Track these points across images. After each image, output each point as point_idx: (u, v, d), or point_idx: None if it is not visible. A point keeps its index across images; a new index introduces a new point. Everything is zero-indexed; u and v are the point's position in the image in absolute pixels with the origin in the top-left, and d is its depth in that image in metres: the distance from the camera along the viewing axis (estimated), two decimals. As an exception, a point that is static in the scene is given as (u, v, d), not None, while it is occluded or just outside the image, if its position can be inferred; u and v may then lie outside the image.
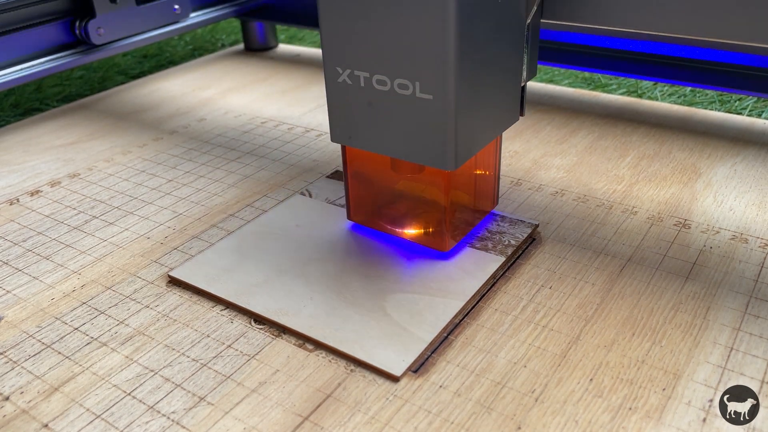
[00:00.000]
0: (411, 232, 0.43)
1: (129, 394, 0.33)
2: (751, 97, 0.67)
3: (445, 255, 0.41)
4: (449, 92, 0.35)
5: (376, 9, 0.36)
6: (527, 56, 0.41)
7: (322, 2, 0.37)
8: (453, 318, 0.37)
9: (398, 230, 0.43)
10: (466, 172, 0.41)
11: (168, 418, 0.32)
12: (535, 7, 0.39)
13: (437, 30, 0.34)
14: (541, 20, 0.42)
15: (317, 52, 0.85)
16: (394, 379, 0.33)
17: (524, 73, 0.41)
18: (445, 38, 0.34)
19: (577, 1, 0.41)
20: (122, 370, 0.35)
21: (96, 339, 0.37)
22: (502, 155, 0.55)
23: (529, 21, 0.39)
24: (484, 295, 0.39)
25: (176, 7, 0.75)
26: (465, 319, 0.37)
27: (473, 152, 0.38)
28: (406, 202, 0.43)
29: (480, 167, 0.43)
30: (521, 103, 0.42)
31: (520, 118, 0.43)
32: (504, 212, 0.46)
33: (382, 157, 0.42)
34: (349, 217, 0.45)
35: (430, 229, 0.42)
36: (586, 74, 0.78)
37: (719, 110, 0.66)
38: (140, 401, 0.33)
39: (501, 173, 0.52)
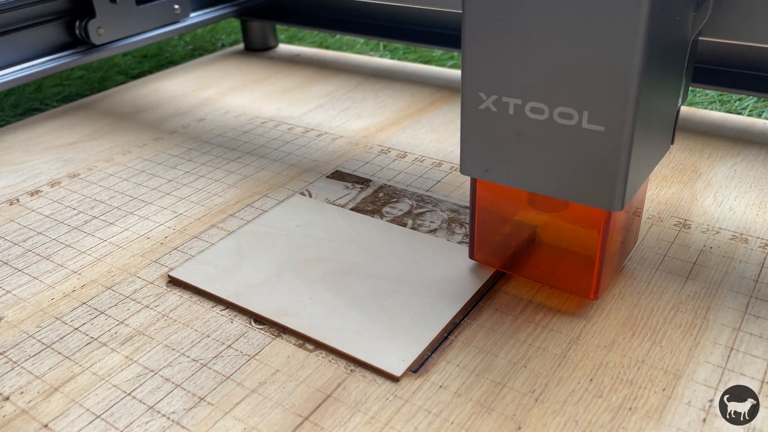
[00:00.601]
0: (550, 277, 0.39)
1: (129, 394, 0.33)
2: (751, 97, 0.67)
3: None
4: (627, 124, 0.30)
5: (539, 28, 0.31)
6: (685, 78, 0.37)
7: (469, 18, 0.33)
8: (453, 318, 0.37)
9: (532, 273, 0.39)
10: (622, 212, 0.36)
11: (168, 418, 0.32)
12: (702, 25, 0.36)
13: (621, 51, 0.29)
14: (700, 38, 0.39)
15: (317, 52, 0.85)
16: (394, 379, 0.33)
17: (681, 97, 0.37)
18: (631, 62, 0.29)
19: (741, 18, 0.38)
20: (122, 370, 0.35)
21: (96, 339, 0.37)
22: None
23: (692, 39, 0.36)
24: (484, 295, 0.39)
25: (176, 7, 0.75)
26: (465, 319, 0.37)
27: (636, 188, 0.34)
28: (543, 244, 0.39)
29: (634, 204, 0.38)
30: (673, 129, 0.38)
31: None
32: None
33: (517, 192, 0.37)
34: (471, 257, 0.40)
35: (576, 275, 0.37)
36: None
37: (719, 110, 0.66)
38: (140, 401, 0.33)
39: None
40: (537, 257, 0.39)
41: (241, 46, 0.89)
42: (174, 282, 0.41)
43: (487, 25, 0.33)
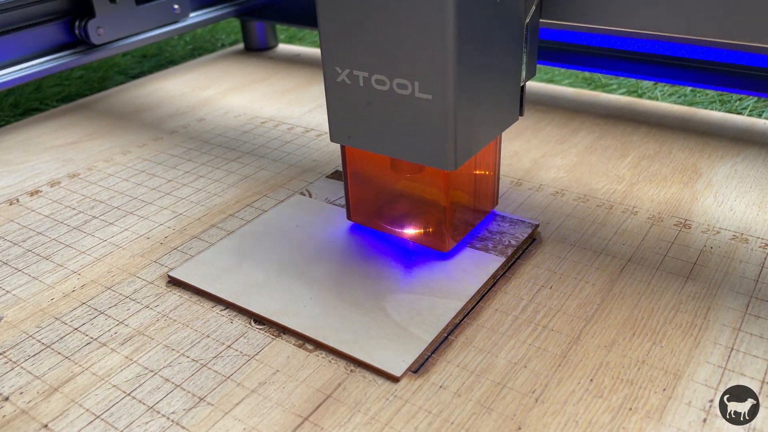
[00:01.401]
0: (411, 232, 0.43)
1: (129, 394, 0.33)
2: (751, 97, 0.67)
3: (445, 255, 0.41)
4: (448, 92, 0.35)
5: (376, 9, 0.35)
6: (526, 56, 0.41)
7: (321, 2, 0.37)
8: (453, 318, 0.37)
9: (398, 230, 0.43)
10: (465, 172, 0.41)
11: (168, 418, 0.32)
12: (533, 7, 0.39)
13: (436, 29, 0.34)
14: (540, 20, 0.42)
15: (317, 51, 0.85)
16: (394, 379, 0.33)
17: (523, 73, 0.41)
18: (444, 37, 0.34)
19: (576, 1, 0.41)
20: (122, 371, 0.35)
21: (96, 339, 0.37)
22: (502, 155, 0.55)
23: (527, 21, 0.40)
24: (484, 295, 0.39)
25: (176, 6, 0.75)
26: (465, 319, 0.37)
27: (473, 152, 0.38)
28: (406, 203, 0.43)
29: (480, 167, 0.43)
30: (521, 103, 0.42)
31: (520, 118, 0.42)
32: (504, 212, 0.46)
33: (381, 157, 0.41)
34: (348, 218, 0.45)
35: (430, 229, 0.42)
36: (586, 74, 0.78)
37: (719, 110, 0.66)
38: (140, 401, 0.33)
39: (501, 173, 0.52)
40: (402, 216, 0.43)
41: (241, 46, 0.89)
42: (174, 282, 0.41)
43: (336, 6, 0.37)
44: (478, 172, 0.43)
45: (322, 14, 0.38)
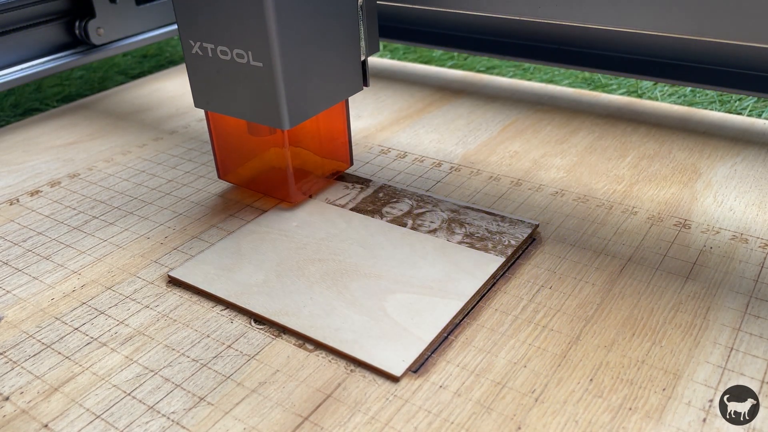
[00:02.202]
0: (267, 188, 0.48)
1: (129, 394, 0.33)
2: (751, 97, 0.67)
3: (289, 204, 0.47)
4: (275, 60, 0.40)
5: None
6: (365, 33, 0.46)
7: None
8: (453, 318, 0.37)
9: (259, 187, 0.49)
10: (309, 133, 0.48)
11: (168, 418, 0.32)
12: None
13: (257, 5, 0.39)
14: (386, 3, 0.48)
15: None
16: (394, 379, 0.33)
17: (363, 49, 0.46)
18: (264, 13, 0.39)
19: None
20: (122, 370, 0.35)
21: (96, 339, 0.37)
22: (502, 155, 0.55)
23: (361, 3, 0.45)
24: (484, 295, 0.39)
25: (176, 7, 0.75)
26: (465, 319, 0.37)
27: (310, 114, 0.44)
28: (263, 162, 0.48)
29: (325, 129, 0.49)
30: (364, 75, 0.48)
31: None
32: (504, 212, 0.46)
33: (239, 121, 0.47)
34: (219, 177, 0.51)
35: (282, 185, 0.47)
36: (586, 74, 0.78)
37: (719, 110, 0.66)
38: (140, 401, 0.33)
39: (501, 173, 0.52)
40: (261, 174, 0.49)
41: (241, 46, 0.88)
42: (174, 282, 0.41)
43: None
44: (323, 134, 0.49)
45: None
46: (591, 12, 0.44)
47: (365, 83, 0.48)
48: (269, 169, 0.48)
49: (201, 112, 0.67)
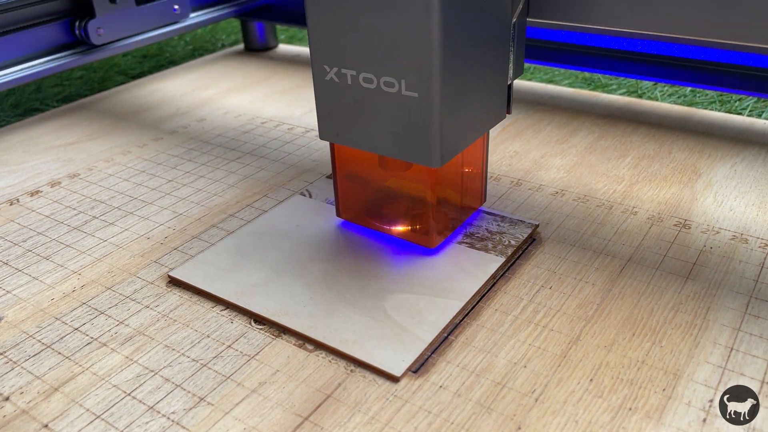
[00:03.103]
0: (398, 229, 0.43)
1: (129, 394, 0.33)
2: (751, 97, 0.67)
3: (433, 251, 0.41)
4: (434, 90, 0.35)
5: (363, 7, 0.36)
6: (513, 55, 0.41)
7: (309, 1, 0.38)
8: (453, 318, 0.37)
9: (386, 227, 0.43)
10: (452, 170, 0.42)
11: (168, 418, 0.32)
12: (520, 6, 0.40)
13: (421, 28, 0.34)
14: (528, 19, 0.42)
15: (317, 52, 0.85)
16: (394, 379, 0.33)
17: (510, 72, 0.41)
18: (429, 36, 0.34)
19: (563, 1, 0.42)
20: (122, 371, 0.35)
21: (96, 339, 0.37)
22: (502, 155, 0.55)
23: (514, 20, 0.40)
24: (484, 295, 0.39)
25: (176, 7, 0.75)
26: (465, 319, 0.37)
27: (459, 149, 0.39)
28: (394, 200, 0.44)
29: (467, 164, 0.43)
30: (508, 101, 0.43)
31: (516, 117, 0.43)
32: (504, 212, 0.46)
33: (370, 155, 0.42)
34: (338, 215, 0.45)
35: (417, 226, 0.42)
36: (586, 74, 0.78)
37: (719, 110, 0.66)
38: (140, 401, 0.33)
39: (501, 173, 0.52)
40: (390, 213, 0.44)
41: (241, 46, 0.89)
42: (174, 282, 0.41)
43: (323, 7, 0.37)
44: (465, 170, 0.43)
45: (310, 13, 0.38)
46: (591, 12, 0.44)
47: (508, 110, 0.43)
48: (402, 209, 0.43)
49: (201, 112, 0.67)
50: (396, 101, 0.37)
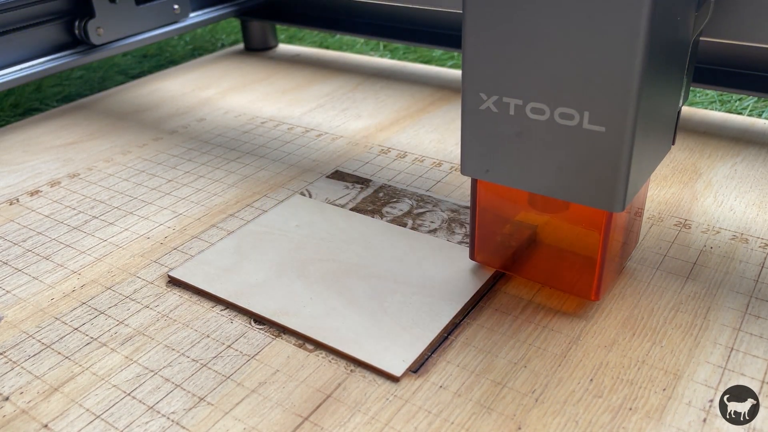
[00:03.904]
0: (551, 278, 0.39)
1: (129, 394, 0.33)
2: (751, 97, 0.67)
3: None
4: (627, 123, 0.30)
5: (541, 28, 0.31)
6: (686, 77, 0.37)
7: (470, 18, 0.33)
8: (453, 318, 0.37)
9: (534, 275, 0.39)
10: (623, 213, 0.36)
11: (168, 418, 0.32)
12: (703, 24, 0.36)
13: (622, 52, 0.29)
14: (702, 38, 0.39)
15: (317, 51, 0.85)
16: (394, 379, 0.33)
17: (682, 97, 0.37)
18: (631, 62, 0.29)
19: (742, 18, 0.39)
20: (122, 371, 0.35)
21: (96, 339, 0.37)
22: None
23: (693, 38, 0.36)
24: (484, 295, 0.39)
25: (176, 6, 0.75)
26: (465, 319, 0.37)
27: (638, 189, 0.34)
28: (545, 245, 0.39)
29: (635, 206, 0.38)
30: (674, 130, 0.38)
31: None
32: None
33: (519, 194, 0.37)
34: (472, 258, 0.40)
35: (577, 276, 0.38)
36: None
37: (719, 110, 0.66)
38: (140, 401, 0.33)
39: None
40: (537, 258, 0.39)
41: (241, 46, 0.89)
42: (174, 282, 0.41)
43: (487, 26, 0.32)
44: (632, 212, 0.38)
45: (469, 32, 0.33)
46: (745, 28, 0.42)
47: (673, 141, 0.38)
48: (557, 256, 0.39)
49: (201, 112, 0.67)
50: (574, 136, 0.32)
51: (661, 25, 0.30)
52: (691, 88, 0.71)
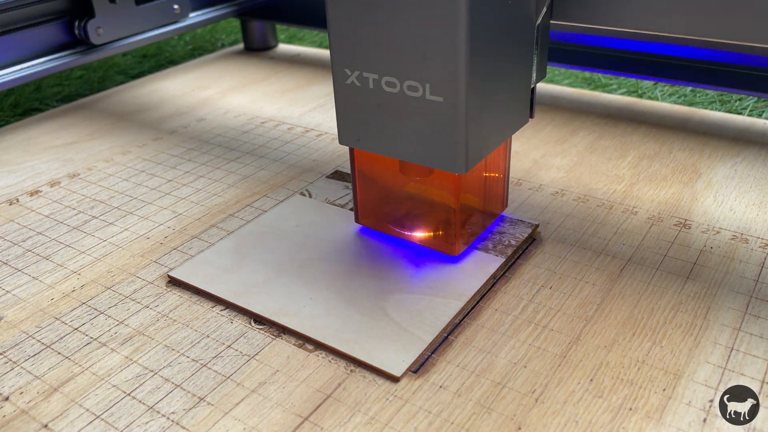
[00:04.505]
0: (420, 235, 0.42)
1: (129, 394, 0.33)
2: (751, 97, 0.67)
3: (453, 258, 0.41)
4: (460, 94, 0.34)
5: (386, 10, 0.35)
6: (537, 58, 0.40)
7: (331, 3, 0.37)
8: (453, 318, 0.37)
9: (407, 234, 0.43)
10: (476, 175, 0.41)
11: (168, 418, 0.32)
12: (545, 9, 0.39)
13: (448, 30, 0.33)
14: (551, 21, 0.42)
15: (317, 51, 0.85)
16: (394, 379, 0.33)
17: (534, 75, 0.41)
18: (456, 38, 0.33)
19: (587, 3, 0.41)
20: (122, 371, 0.35)
21: (96, 339, 0.37)
22: (502, 155, 0.55)
23: (538, 22, 0.39)
24: (484, 295, 0.39)
25: (176, 7, 0.75)
26: (465, 319, 0.37)
27: (484, 155, 0.38)
28: (415, 206, 0.42)
29: (490, 170, 0.42)
30: (531, 104, 0.42)
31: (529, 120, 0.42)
32: (504, 212, 0.46)
33: (390, 160, 0.41)
34: (357, 221, 0.44)
35: (440, 233, 0.42)
36: (586, 74, 0.78)
37: (719, 110, 0.66)
38: (140, 401, 0.33)
39: (501, 173, 0.52)
40: (411, 219, 0.43)
41: (241, 46, 0.89)
42: (174, 282, 0.41)
43: (346, 6, 0.36)
44: (488, 175, 0.42)
45: (331, 15, 0.37)
46: (614, 14, 0.43)
47: (531, 114, 0.42)
48: (424, 215, 0.42)
49: (201, 112, 0.67)
50: (420, 106, 0.36)
51: (488, 8, 0.34)
52: (691, 87, 0.71)
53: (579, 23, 0.43)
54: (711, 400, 0.31)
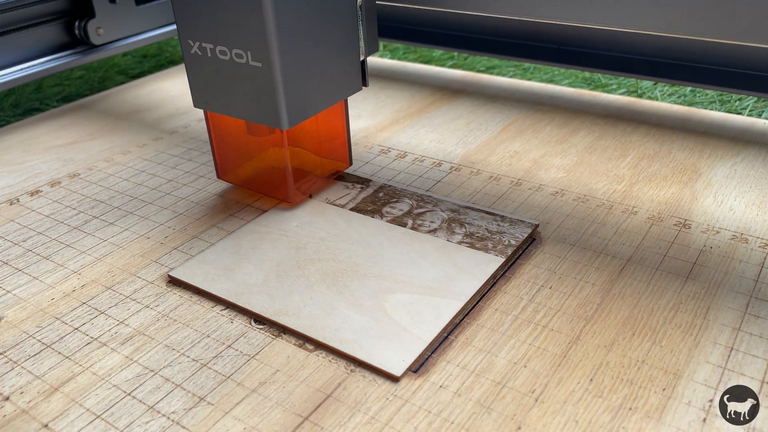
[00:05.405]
0: (266, 188, 0.48)
1: (129, 394, 0.33)
2: (750, 97, 0.67)
3: (292, 207, 0.46)
4: (274, 60, 0.40)
5: None
6: (363, 33, 0.46)
7: None
8: (453, 318, 0.37)
9: (257, 187, 0.49)
10: (308, 133, 0.48)
11: (168, 418, 0.32)
12: None
13: (256, 6, 0.39)
14: (385, 3, 0.50)
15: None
16: (394, 379, 0.33)
17: (363, 48, 0.47)
18: (262, 14, 0.39)
19: None
20: (122, 370, 0.35)
21: (96, 339, 0.37)
22: (502, 155, 0.55)
23: (360, 2, 0.45)
24: (484, 295, 0.39)
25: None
26: (465, 319, 0.37)
27: (309, 114, 0.44)
28: (262, 162, 0.48)
29: (324, 129, 0.49)
30: (363, 75, 0.48)
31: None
32: (504, 212, 0.46)
33: (238, 121, 0.47)
34: (218, 177, 0.51)
35: (283, 185, 0.47)
36: (586, 74, 0.78)
37: (719, 110, 0.66)
38: (140, 401, 0.33)
39: (501, 173, 0.52)
40: (260, 174, 0.49)
41: (241, 46, 0.88)
42: (174, 282, 0.41)
43: None
44: (323, 134, 0.49)
45: None
46: (590, 12, 0.44)
47: (364, 83, 0.48)
48: (268, 169, 0.48)
49: (201, 112, 0.67)
50: (246, 71, 0.42)
51: None
52: (690, 88, 0.71)
53: (406, 5, 0.50)
54: (711, 400, 0.31)
